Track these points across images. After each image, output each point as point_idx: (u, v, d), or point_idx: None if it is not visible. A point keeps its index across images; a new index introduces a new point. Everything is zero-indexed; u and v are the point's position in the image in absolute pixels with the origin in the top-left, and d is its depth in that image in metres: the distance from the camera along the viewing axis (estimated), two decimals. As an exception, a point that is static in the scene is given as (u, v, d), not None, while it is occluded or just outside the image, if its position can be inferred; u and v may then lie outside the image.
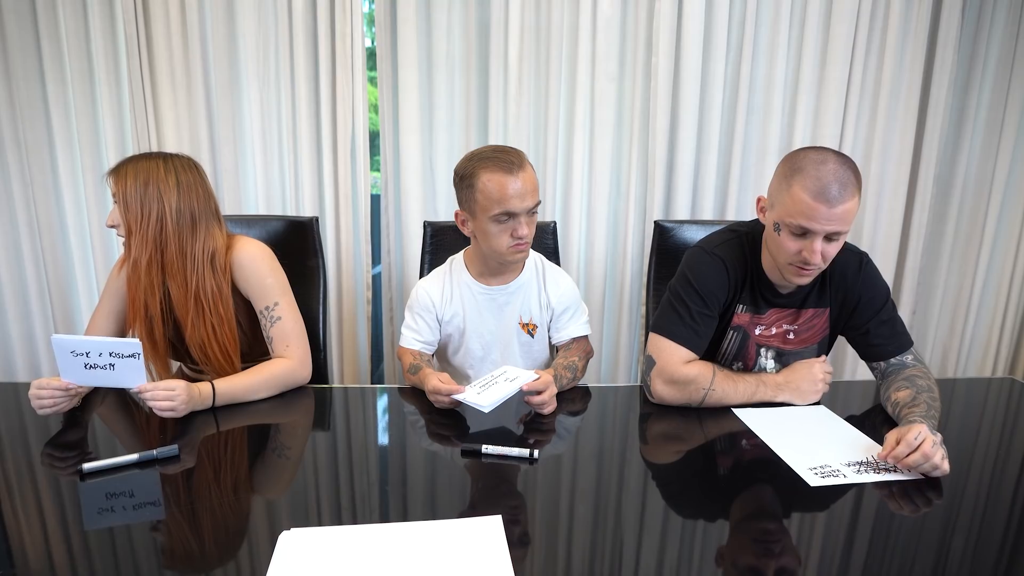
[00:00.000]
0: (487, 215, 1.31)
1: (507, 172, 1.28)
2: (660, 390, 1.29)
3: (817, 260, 1.17)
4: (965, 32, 2.27)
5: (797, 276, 1.23)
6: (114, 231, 1.34)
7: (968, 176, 2.43)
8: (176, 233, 1.30)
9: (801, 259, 1.18)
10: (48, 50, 2.10)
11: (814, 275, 1.23)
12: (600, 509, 0.95)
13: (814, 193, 1.12)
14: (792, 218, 1.15)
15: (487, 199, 1.30)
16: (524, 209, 1.31)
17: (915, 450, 1.00)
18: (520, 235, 1.33)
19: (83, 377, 1.18)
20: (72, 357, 1.16)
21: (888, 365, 1.32)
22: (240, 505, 0.94)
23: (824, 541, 0.88)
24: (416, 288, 1.51)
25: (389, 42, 2.18)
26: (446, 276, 1.51)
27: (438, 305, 1.49)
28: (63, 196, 2.23)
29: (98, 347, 1.16)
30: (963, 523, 0.92)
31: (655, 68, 2.17)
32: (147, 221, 1.28)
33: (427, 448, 1.16)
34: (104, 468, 1.01)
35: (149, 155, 1.32)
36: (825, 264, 1.20)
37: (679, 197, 2.28)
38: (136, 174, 1.28)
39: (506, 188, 1.28)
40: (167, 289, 1.33)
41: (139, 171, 1.28)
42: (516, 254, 1.38)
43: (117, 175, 1.28)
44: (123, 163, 1.30)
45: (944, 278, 2.52)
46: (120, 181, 1.28)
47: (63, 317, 2.33)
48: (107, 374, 1.17)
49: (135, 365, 1.16)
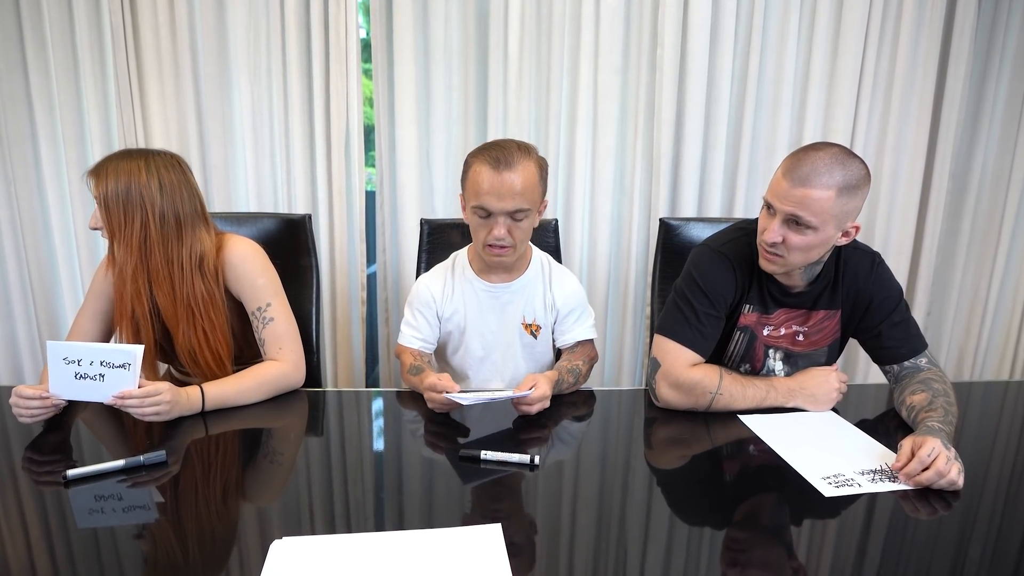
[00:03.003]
0: (469, 205, 1.35)
1: (492, 167, 1.28)
2: (665, 394, 1.29)
3: (770, 237, 1.19)
4: (982, 21, 2.27)
5: (762, 258, 1.26)
6: (98, 232, 1.33)
7: (985, 171, 2.43)
8: (161, 240, 1.29)
9: (764, 238, 1.21)
10: (31, 40, 2.10)
11: (777, 264, 1.24)
12: (603, 517, 0.95)
13: (784, 169, 1.18)
14: (766, 191, 1.20)
15: (470, 189, 1.33)
16: (500, 209, 1.30)
17: (928, 467, 1.00)
18: (494, 235, 1.32)
19: (70, 390, 1.17)
20: (64, 365, 1.15)
21: (902, 368, 1.32)
22: (230, 513, 0.94)
23: (842, 554, 0.88)
24: (417, 283, 1.52)
25: (385, 33, 2.18)
26: (448, 271, 1.51)
27: (439, 301, 1.49)
28: (46, 193, 2.23)
29: (92, 354, 1.15)
30: (980, 533, 0.92)
31: (660, 60, 2.17)
32: (130, 228, 1.27)
33: (424, 454, 1.16)
34: (89, 475, 1.00)
35: (130, 153, 1.30)
36: (789, 255, 1.20)
37: (685, 194, 2.28)
38: (117, 176, 1.26)
39: (484, 183, 1.29)
40: (155, 297, 1.32)
41: (120, 173, 1.26)
42: (492, 256, 1.37)
43: (97, 177, 1.27)
44: (103, 163, 1.28)
45: (960, 278, 2.52)
46: (100, 184, 1.26)
47: (47, 318, 2.33)
48: (94, 386, 1.16)
49: (126, 377, 1.15)
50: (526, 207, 1.31)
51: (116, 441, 1.18)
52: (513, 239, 1.33)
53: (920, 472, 1.00)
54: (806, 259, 1.22)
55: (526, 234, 1.37)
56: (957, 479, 0.99)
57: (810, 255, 1.22)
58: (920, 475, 1.00)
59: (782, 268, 1.25)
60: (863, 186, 1.17)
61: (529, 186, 1.30)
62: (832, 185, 1.13)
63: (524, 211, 1.31)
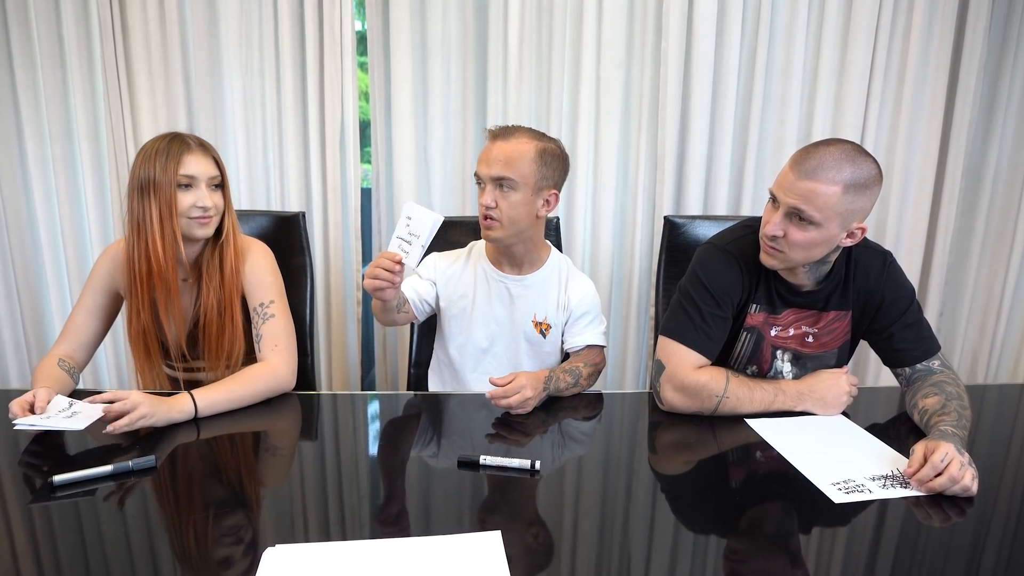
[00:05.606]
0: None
1: (490, 139, 1.41)
2: (670, 397, 1.29)
3: (771, 230, 1.20)
4: (996, 13, 2.27)
5: (762, 252, 1.27)
6: (196, 213, 1.33)
7: (999, 168, 2.42)
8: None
9: (765, 231, 1.22)
10: (16, 32, 2.10)
11: (777, 259, 1.24)
12: (606, 524, 0.95)
13: (793, 161, 1.18)
14: (772, 183, 1.21)
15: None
16: (487, 176, 1.38)
17: (941, 473, 0.99)
18: (481, 201, 1.40)
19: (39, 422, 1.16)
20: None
21: (914, 371, 1.32)
22: (221, 520, 0.94)
23: (852, 562, 0.88)
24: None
25: (381, 25, 2.17)
26: (462, 256, 1.57)
27: (442, 272, 1.54)
28: (32, 189, 2.22)
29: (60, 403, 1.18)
30: (994, 540, 0.91)
31: (665, 53, 2.17)
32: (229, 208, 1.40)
33: (421, 459, 1.16)
34: (76, 480, 1.00)
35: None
36: (789, 250, 1.20)
37: (690, 191, 2.28)
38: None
39: (482, 152, 1.41)
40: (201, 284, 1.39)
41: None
42: (483, 227, 1.43)
43: (215, 153, 1.37)
44: (203, 142, 1.37)
45: (974, 277, 2.51)
46: (221, 162, 1.38)
47: (32, 318, 2.33)
48: (64, 420, 1.17)
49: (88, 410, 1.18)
50: (510, 176, 1.36)
51: (105, 446, 1.18)
52: (500, 211, 1.38)
53: (933, 478, 1.00)
54: (807, 257, 1.22)
55: (515, 210, 1.38)
56: (971, 485, 0.99)
57: (812, 253, 1.21)
58: (933, 481, 0.99)
59: (782, 264, 1.25)
60: (872, 186, 1.17)
61: (517, 157, 1.36)
62: (839, 181, 1.13)
63: (509, 180, 1.36)
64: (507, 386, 1.26)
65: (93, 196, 2.23)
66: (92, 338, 1.43)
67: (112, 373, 2.39)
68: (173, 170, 1.29)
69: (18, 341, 2.34)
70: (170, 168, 1.29)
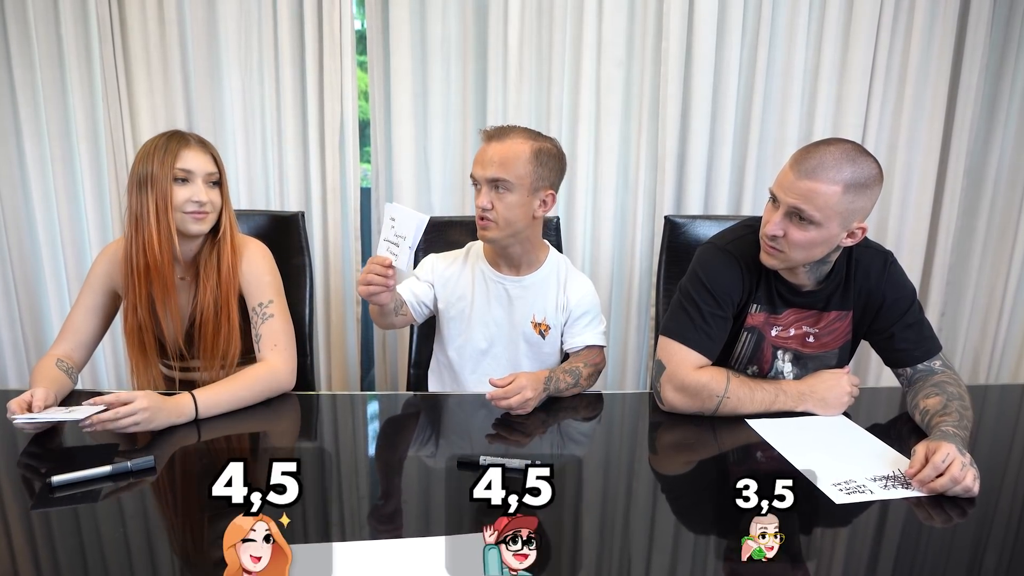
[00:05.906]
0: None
1: (485, 140, 1.41)
2: (670, 397, 1.29)
3: (771, 229, 1.20)
4: (998, 12, 2.27)
5: (762, 251, 1.27)
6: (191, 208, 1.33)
7: (1001, 168, 2.42)
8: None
9: (765, 230, 1.22)
10: (14, 32, 2.10)
11: (777, 259, 1.24)
12: (606, 524, 0.95)
13: (793, 160, 1.18)
14: (773, 183, 1.22)
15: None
16: (482, 177, 1.38)
17: (942, 474, 0.99)
18: (477, 203, 1.40)
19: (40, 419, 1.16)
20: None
21: (915, 371, 1.32)
22: (219, 520, 0.94)
23: (853, 563, 0.88)
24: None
25: (380, 24, 2.18)
26: (460, 257, 1.56)
27: (439, 274, 1.54)
28: (31, 189, 2.22)
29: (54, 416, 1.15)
30: (996, 541, 0.92)
31: (665, 53, 2.17)
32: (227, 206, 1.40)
33: (421, 459, 1.16)
34: (74, 481, 1.00)
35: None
36: (789, 250, 1.21)
37: (691, 191, 2.28)
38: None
39: (477, 154, 1.41)
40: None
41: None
42: (479, 228, 1.42)
43: (214, 150, 1.38)
44: (203, 140, 1.38)
45: (975, 277, 2.51)
46: (218, 159, 1.38)
47: (31, 318, 2.33)
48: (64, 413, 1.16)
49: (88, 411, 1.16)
50: (506, 177, 1.36)
51: (103, 446, 1.18)
52: (496, 212, 1.37)
53: (934, 478, 1.00)
54: (807, 256, 1.22)
55: (511, 212, 1.38)
56: (972, 486, 0.99)
57: (812, 253, 1.21)
58: (934, 481, 1.00)
59: (782, 264, 1.25)
60: (873, 186, 1.17)
61: (512, 158, 1.36)
62: (839, 180, 1.13)
63: (504, 181, 1.36)
64: (507, 387, 1.25)
65: (92, 196, 2.23)
66: (91, 337, 1.43)
67: (111, 373, 2.40)
68: (170, 164, 1.30)
69: (16, 341, 2.34)
70: (167, 162, 1.30)
